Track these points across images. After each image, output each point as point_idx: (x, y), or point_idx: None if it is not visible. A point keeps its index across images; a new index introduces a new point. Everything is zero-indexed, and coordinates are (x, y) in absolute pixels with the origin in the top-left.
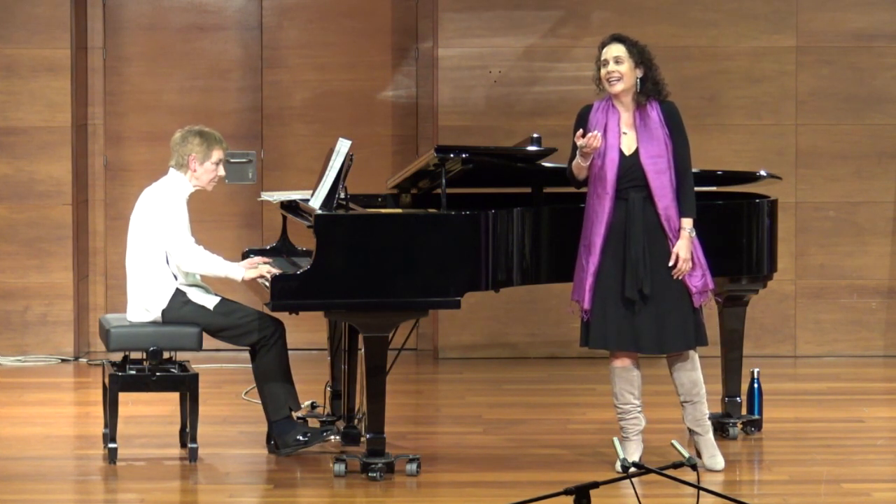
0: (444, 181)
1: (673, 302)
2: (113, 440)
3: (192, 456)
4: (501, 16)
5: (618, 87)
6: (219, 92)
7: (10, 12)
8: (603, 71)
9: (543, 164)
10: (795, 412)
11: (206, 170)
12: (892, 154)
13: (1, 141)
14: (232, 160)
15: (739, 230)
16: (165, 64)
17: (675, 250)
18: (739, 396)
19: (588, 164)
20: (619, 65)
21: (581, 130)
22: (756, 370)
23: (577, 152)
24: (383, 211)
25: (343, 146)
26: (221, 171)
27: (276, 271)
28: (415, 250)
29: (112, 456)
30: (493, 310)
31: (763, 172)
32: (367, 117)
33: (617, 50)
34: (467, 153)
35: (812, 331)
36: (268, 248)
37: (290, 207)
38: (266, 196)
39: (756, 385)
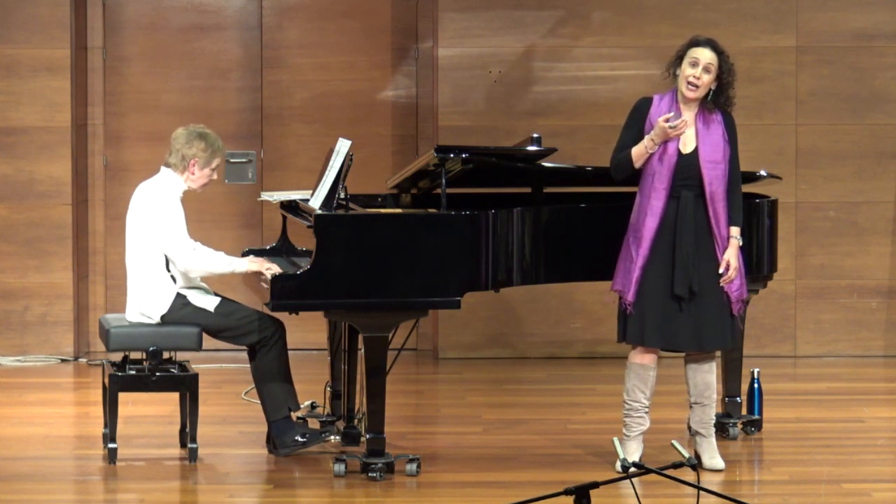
0: (444, 181)
1: (714, 301)
2: (113, 440)
3: (192, 456)
4: (501, 16)
5: (694, 94)
6: (219, 92)
7: (10, 12)
8: (689, 71)
9: (543, 164)
10: (795, 412)
11: (203, 174)
12: (892, 154)
13: (1, 141)
14: (232, 160)
15: (741, 229)
16: (165, 64)
17: (725, 257)
18: (739, 396)
19: (654, 150)
20: (707, 73)
21: (672, 113)
22: (756, 370)
23: (650, 136)
24: (383, 211)
25: (343, 146)
26: (215, 177)
27: (277, 270)
28: (415, 250)
29: (112, 456)
30: (493, 310)
31: (763, 172)
32: (367, 117)
33: (711, 58)
34: (467, 153)
35: (812, 331)
36: (268, 248)
37: (290, 207)
38: (266, 196)
39: (756, 385)
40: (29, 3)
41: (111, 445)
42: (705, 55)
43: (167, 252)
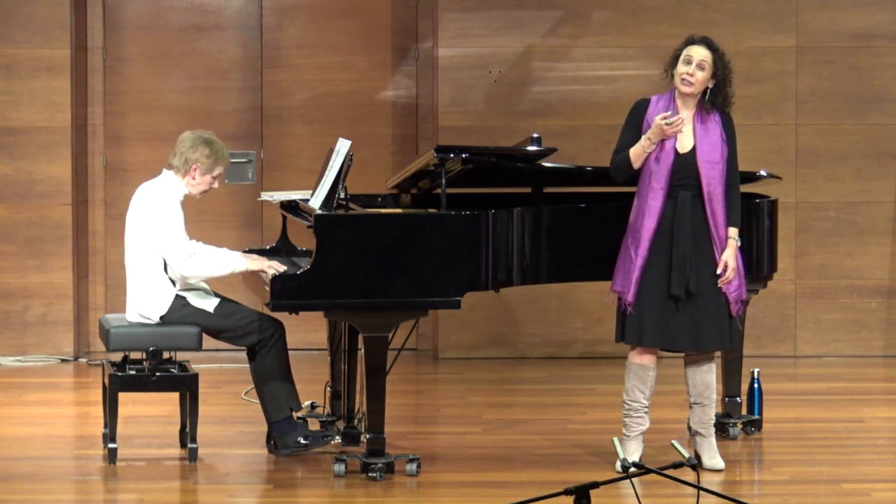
0: (444, 181)
1: (712, 302)
2: (113, 440)
3: (192, 456)
4: (501, 16)
5: (689, 90)
6: (219, 92)
7: (10, 12)
8: (683, 68)
9: (543, 164)
10: (795, 412)
11: (203, 181)
12: (892, 154)
13: (1, 141)
14: (232, 160)
15: (740, 230)
16: (165, 64)
17: (723, 258)
18: (739, 396)
19: (652, 150)
20: (701, 70)
21: (669, 112)
22: (756, 370)
23: (647, 135)
24: (383, 211)
25: (343, 146)
26: (216, 185)
27: (278, 268)
28: (415, 250)
29: (112, 456)
30: (493, 310)
31: (763, 172)
32: (367, 117)
33: (705, 55)
34: (467, 153)
35: (812, 331)
36: (268, 248)
37: (290, 207)
38: (266, 196)
39: (756, 385)
40: (29, 3)
41: (111, 445)
42: (699, 52)
43: (165, 256)
